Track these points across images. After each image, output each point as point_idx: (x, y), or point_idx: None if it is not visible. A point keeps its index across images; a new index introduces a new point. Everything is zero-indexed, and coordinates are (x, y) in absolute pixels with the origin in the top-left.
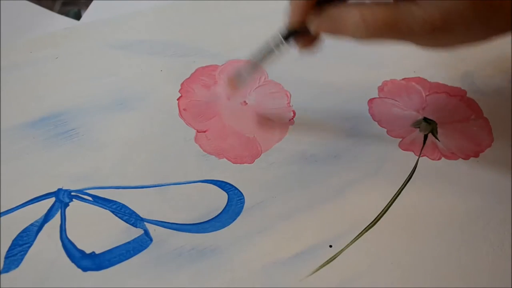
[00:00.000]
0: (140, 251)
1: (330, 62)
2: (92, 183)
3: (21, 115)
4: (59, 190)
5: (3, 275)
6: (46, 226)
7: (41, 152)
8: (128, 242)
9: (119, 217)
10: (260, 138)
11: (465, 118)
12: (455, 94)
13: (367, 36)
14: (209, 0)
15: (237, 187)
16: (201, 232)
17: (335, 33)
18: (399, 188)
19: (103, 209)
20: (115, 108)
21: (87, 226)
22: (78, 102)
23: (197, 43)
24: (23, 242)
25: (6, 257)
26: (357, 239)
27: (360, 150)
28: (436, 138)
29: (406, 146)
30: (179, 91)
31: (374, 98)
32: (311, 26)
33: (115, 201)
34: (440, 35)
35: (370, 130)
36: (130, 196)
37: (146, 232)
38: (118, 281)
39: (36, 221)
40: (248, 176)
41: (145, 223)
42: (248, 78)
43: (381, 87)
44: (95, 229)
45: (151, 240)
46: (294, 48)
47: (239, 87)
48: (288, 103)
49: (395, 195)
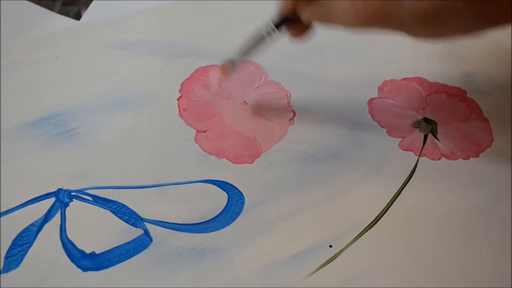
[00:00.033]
0: (140, 251)
1: (330, 62)
2: (92, 183)
3: (21, 115)
4: (59, 190)
5: (3, 275)
6: (46, 226)
7: (41, 152)
8: (128, 242)
9: (119, 217)
10: (260, 138)
11: (465, 118)
12: (455, 94)
13: (358, 25)
14: (209, 0)
15: (237, 187)
16: (201, 232)
17: (326, 22)
18: (399, 188)
19: (103, 209)
20: (115, 108)
21: (87, 226)
22: (78, 102)
23: (197, 43)
24: (23, 242)
25: (6, 257)
26: (357, 239)
27: (360, 150)
28: (436, 138)
29: (406, 146)
30: (179, 91)
31: (374, 98)
32: (302, 14)
33: (115, 201)
34: (432, 26)
35: (370, 130)
36: (130, 196)
37: (146, 232)
38: (118, 281)
39: (36, 221)
40: (248, 176)
41: (145, 223)
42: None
43: (381, 87)
44: (95, 229)
45: (151, 240)
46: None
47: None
48: (288, 103)
49: (395, 195)
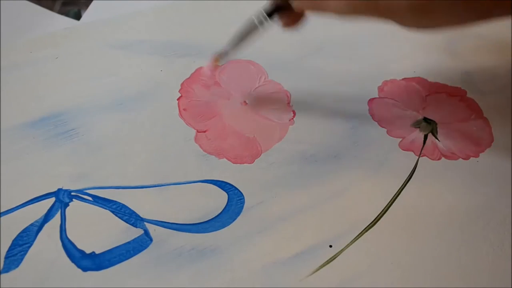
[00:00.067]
0: (140, 251)
1: (330, 62)
2: (92, 183)
3: (21, 115)
4: (59, 190)
5: (3, 275)
6: (46, 226)
7: (41, 152)
8: (128, 242)
9: (119, 217)
10: (260, 138)
11: (465, 118)
12: (455, 94)
13: (349, 13)
14: (209, 0)
15: (237, 187)
16: (201, 232)
17: (317, 10)
18: (399, 188)
19: (103, 209)
20: (115, 108)
21: (87, 226)
22: (78, 102)
23: (197, 43)
24: (23, 242)
25: (6, 257)
26: (357, 239)
27: (360, 150)
28: (436, 138)
29: (406, 146)
30: (179, 91)
31: (374, 98)
32: (294, 3)
33: (115, 201)
34: (422, 15)
35: (370, 130)
36: (130, 196)
37: (146, 232)
38: (118, 281)
39: (36, 221)
40: (248, 176)
41: (145, 223)
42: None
43: (381, 87)
44: (95, 229)
45: (151, 240)
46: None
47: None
48: (288, 103)
49: (395, 195)
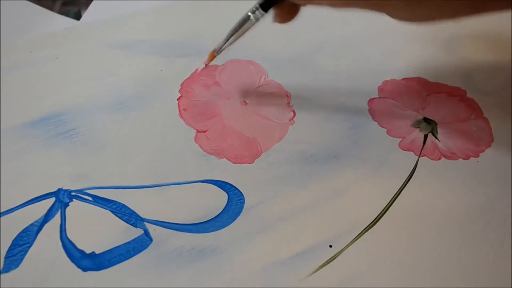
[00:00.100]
0: (140, 251)
1: (330, 62)
2: (92, 183)
3: (21, 115)
4: (59, 190)
5: (3, 275)
6: (46, 226)
7: (41, 152)
8: (128, 242)
9: (119, 217)
10: (260, 138)
11: (465, 118)
12: (455, 94)
13: (343, 5)
14: (209, 0)
15: (237, 187)
16: (201, 232)
17: (312, 0)
18: (399, 188)
19: (103, 209)
20: (115, 108)
21: (87, 226)
22: (78, 102)
23: (197, 43)
24: (23, 242)
25: (6, 257)
26: (357, 239)
27: (360, 150)
28: (436, 138)
29: (406, 146)
30: (179, 91)
31: (374, 98)
32: None
33: (115, 201)
34: (415, 7)
35: (370, 130)
36: (130, 196)
37: (146, 232)
38: (118, 281)
39: (36, 221)
40: (248, 176)
41: (145, 223)
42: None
43: (381, 87)
44: (95, 229)
45: (151, 240)
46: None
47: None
48: (288, 103)
49: (395, 195)
